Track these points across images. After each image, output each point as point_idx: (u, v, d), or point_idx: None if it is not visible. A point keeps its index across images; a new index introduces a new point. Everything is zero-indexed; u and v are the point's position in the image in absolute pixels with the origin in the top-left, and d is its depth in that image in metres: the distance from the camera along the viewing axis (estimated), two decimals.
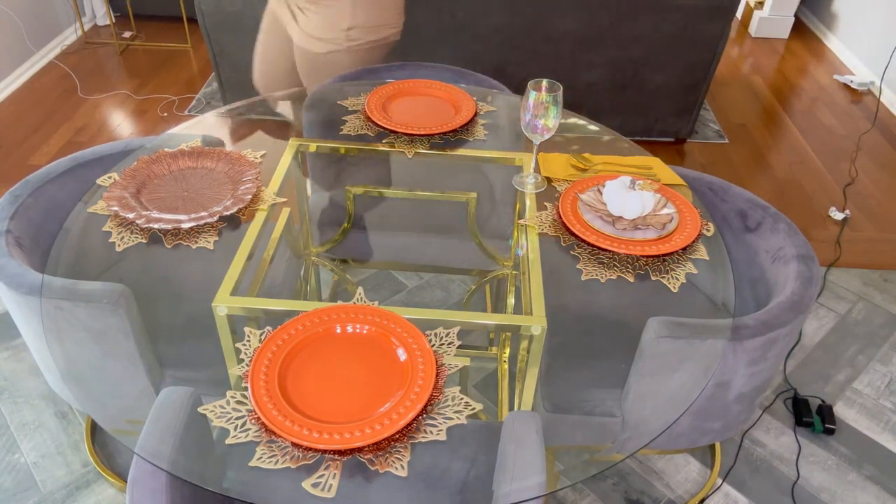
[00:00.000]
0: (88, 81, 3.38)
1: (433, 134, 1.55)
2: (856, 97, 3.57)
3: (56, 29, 3.64)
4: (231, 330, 1.14)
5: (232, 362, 1.13)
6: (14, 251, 1.28)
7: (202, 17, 2.65)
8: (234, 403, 0.94)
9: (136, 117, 3.14)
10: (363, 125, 1.59)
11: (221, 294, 1.15)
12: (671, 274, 1.18)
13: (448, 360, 1.01)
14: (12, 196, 1.38)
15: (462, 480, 1.09)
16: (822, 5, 4.27)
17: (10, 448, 1.70)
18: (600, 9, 2.62)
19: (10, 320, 2.02)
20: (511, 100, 1.76)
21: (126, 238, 1.21)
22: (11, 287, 1.20)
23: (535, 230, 1.30)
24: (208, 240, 1.22)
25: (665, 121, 2.98)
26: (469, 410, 0.95)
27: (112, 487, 1.62)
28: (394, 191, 1.70)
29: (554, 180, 1.44)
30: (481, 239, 1.64)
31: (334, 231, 1.69)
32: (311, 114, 1.73)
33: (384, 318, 1.05)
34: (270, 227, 1.43)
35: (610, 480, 1.68)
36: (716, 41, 2.72)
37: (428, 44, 2.73)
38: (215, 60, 2.80)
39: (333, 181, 1.84)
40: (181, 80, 3.45)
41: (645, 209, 1.26)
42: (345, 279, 2.02)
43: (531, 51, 2.74)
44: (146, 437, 0.94)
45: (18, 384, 1.85)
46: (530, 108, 1.30)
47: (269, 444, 0.89)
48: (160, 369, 1.28)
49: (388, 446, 0.89)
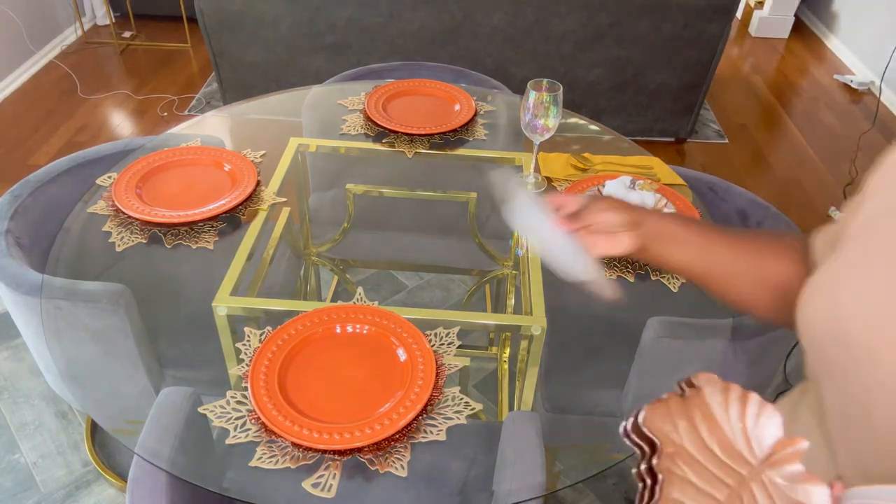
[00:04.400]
0: (88, 81, 3.37)
1: (433, 134, 1.55)
2: (856, 97, 3.57)
3: (56, 29, 3.64)
4: (231, 330, 1.14)
5: (232, 362, 1.13)
6: (14, 251, 1.27)
7: (202, 17, 2.65)
8: (234, 403, 0.94)
9: (136, 117, 3.14)
10: (363, 125, 1.59)
11: (221, 294, 1.15)
12: (671, 274, 1.18)
13: (448, 360, 1.01)
14: (12, 196, 1.38)
15: (462, 480, 1.09)
16: (822, 5, 4.27)
17: (10, 448, 1.70)
18: (600, 9, 2.62)
19: (10, 320, 2.02)
20: (511, 100, 1.76)
21: (126, 238, 1.21)
22: (11, 287, 1.20)
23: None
24: (208, 240, 1.22)
25: (665, 121, 2.98)
26: (469, 410, 0.95)
27: (112, 487, 1.62)
28: (394, 191, 1.70)
29: (554, 180, 1.43)
30: (481, 239, 1.64)
31: (334, 231, 1.69)
32: (311, 114, 1.73)
33: (384, 318, 1.05)
34: (270, 227, 1.43)
35: (610, 480, 1.68)
36: (716, 41, 2.72)
37: (428, 44, 2.73)
38: (215, 60, 2.80)
39: (333, 181, 1.84)
40: (181, 79, 3.45)
41: None
42: (345, 279, 2.02)
43: (531, 51, 2.74)
44: (146, 437, 0.94)
45: (18, 384, 1.85)
46: (530, 108, 1.30)
47: (268, 444, 0.89)
48: (160, 369, 1.28)
49: (388, 446, 0.89)
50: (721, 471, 0.51)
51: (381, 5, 2.62)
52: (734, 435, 0.51)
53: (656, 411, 0.52)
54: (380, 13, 2.64)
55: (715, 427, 0.52)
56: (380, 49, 2.74)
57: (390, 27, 2.68)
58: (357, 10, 2.63)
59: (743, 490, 0.50)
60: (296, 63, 2.80)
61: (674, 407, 0.52)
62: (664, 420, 0.52)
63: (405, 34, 2.71)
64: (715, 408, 0.52)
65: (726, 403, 0.52)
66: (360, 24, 2.67)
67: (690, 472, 0.50)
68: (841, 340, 0.56)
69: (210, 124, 1.71)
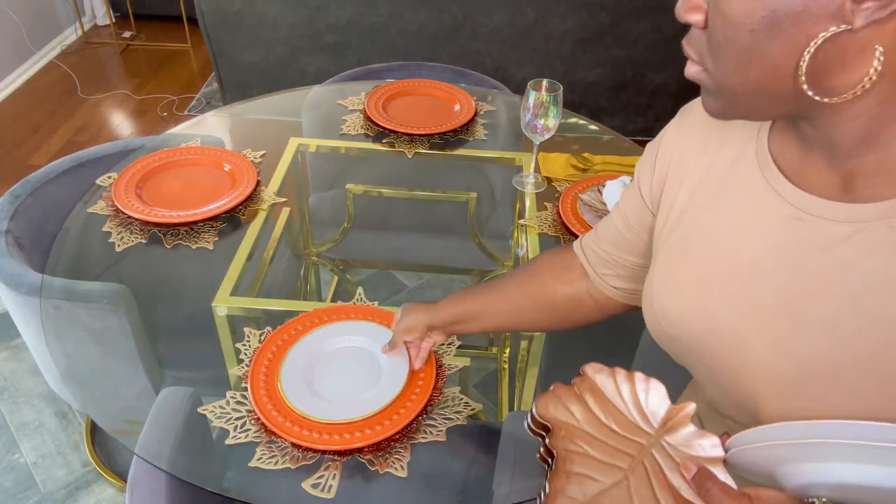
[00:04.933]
0: (88, 81, 3.37)
1: (433, 134, 1.55)
2: None
3: (56, 29, 3.64)
4: (231, 330, 1.14)
5: (232, 362, 1.13)
6: (14, 251, 1.27)
7: (202, 17, 2.65)
8: (234, 404, 0.94)
9: (135, 117, 3.14)
10: (363, 125, 1.59)
11: (221, 294, 1.15)
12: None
13: (448, 360, 1.01)
14: (12, 196, 1.38)
15: (462, 480, 1.09)
16: None
17: (10, 448, 1.70)
18: (600, 9, 2.62)
19: (10, 320, 2.02)
20: (511, 100, 1.76)
21: (126, 238, 1.21)
22: (11, 287, 1.20)
23: (535, 230, 1.30)
24: (208, 240, 1.22)
25: (665, 121, 2.93)
26: (469, 410, 0.95)
27: (112, 487, 1.62)
28: (394, 191, 1.70)
29: (554, 180, 1.43)
30: (481, 239, 1.64)
31: (334, 231, 1.69)
32: (311, 114, 1.73)
33: (384, 319, 1.05)
34: (270, 227, 1.43)
35: None
36: None
37: (428, 44, 2.73)
38: (215, 60, 2.80)
39: (333, 181, 1.84)
40: (181, 79, 3.45)
41: None
42: (345, 279, 2.02)
43: (531, 51, 2.74)
44: (146, 437, 0.94)
45: (18, 384, 1.85)
46: (530, 108, 1.30)
47: (268, 445, 0.89)
48: (160, 369, 1.28)
49: (388, 447, 0.89)
50: (621, 444, 0.56)
51: (381, 5, 2.62)
52: (629, 411, 0.57)
53: (547, 400, 0.58)
54: (380, 13, 2.64)
55: (610, 408, 0.57)
56: (380, 49, 2.74)
57: (390, 27, 2.68)
58: (357, 10, 2.63)
59: (644, 456, 0.55)
60: (296, 63, 2.80)
61: (562, 394, 0.58)
62: (556, 407, 0.58)
63: (405, 34, 2.71)
64: (608, 391, 0.58)
65: (616, 385, 0.58)
66: (360, 24, 2.67)
67: (591, 448, 0.56)
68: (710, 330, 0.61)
69: (210, 124, 1.71)
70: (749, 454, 0.50)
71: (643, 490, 0.53)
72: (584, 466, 0.55)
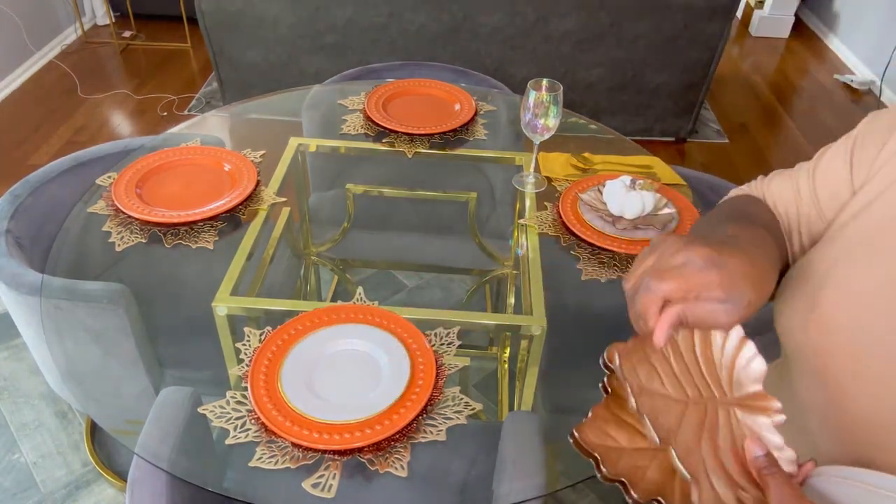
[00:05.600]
0: (88, 81, 3.37)
1: (433, 134, 1.55)
2: (856, 97, 3.57)
3: (56, 29, 3.64)
4: (231, 330, 1.14)
5: (232, 362, 1.13)
6: (14, 251, 1.27)
7: (202, 17, 2.65)
8: (234, 403, 0.94)
9: (135, 117, 3.14)
10: (363, 125, 1.59)
11: (221, 294, 1.15)
12: None
13: (448, 360, 1.01)
14: (12, 196, 1.38)
15: (462, 480, 1.09)
16: (822, 4, 4.27)
17: (10, 448, 1.70)
18: (600, 9, 2.62)
19: (10, 320, 2.02)
20: (511, 100, 1.76)
21: (126, 238, 1.21)
22: (11, 287, 1.20)
23: (535, 230, 1.30)
24: (208, 240, 1.22)
25: (665, 120, 2.98)
26: (469, 410, 0.95)
27: (112, 487, 1.62)
28: (394, 191, 1.70)
29: (554, 180, 1.43)
30: (481, 239, 1.63)
31: (334, 231, 1.69)
32: (311, 113, 1.73)
33: (384, 318, 1.05)
34: (270, 227, 1.43)
35: None
36: (716, 40, 2.71)
37: (428, 44, 2.73)
38: (215, 60, 2.80)
39: (333, 181, 1.84)
40: (181, 79, 3.45)
41: (645, 209, 1.26)
42: (345, 279, 2.02)
43: (531, 51, 2.74)
44: (146, 437, 0.94)
45: (18, 384, 1.85)
46: (530, 107, 1.30)
47: (268, 445, 0.89)
48: (160, 369, 1.28)
49: (388, 446, 0.89)
50: (698, 378, 0.56)
51: (381, 5, 2.62)
52: (720, 363, 0.56)
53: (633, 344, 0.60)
54: (380, 13, 2.64)
55: (708, 347, 0.57)
56: (380, 49, 2.74)
57: (390, 27, 2.68)
58: (357, 10, 2.63)
59: (709, 402, 0.55)
60: (296, 63, 2.80)
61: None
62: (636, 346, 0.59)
63: (405, 34, 2.71)
64: (715, 337, 0.57)
65: (725, 337, 0.56)
66: (360, 24, 2.67)
67: (674, 362, 0.56)
68: (822, 349, 0.56)
69: (210, 124, 1.71)
70: (834, 488, 0.47)
71: (693, 422, 0.53)
72: (659, 364, 0.56)
